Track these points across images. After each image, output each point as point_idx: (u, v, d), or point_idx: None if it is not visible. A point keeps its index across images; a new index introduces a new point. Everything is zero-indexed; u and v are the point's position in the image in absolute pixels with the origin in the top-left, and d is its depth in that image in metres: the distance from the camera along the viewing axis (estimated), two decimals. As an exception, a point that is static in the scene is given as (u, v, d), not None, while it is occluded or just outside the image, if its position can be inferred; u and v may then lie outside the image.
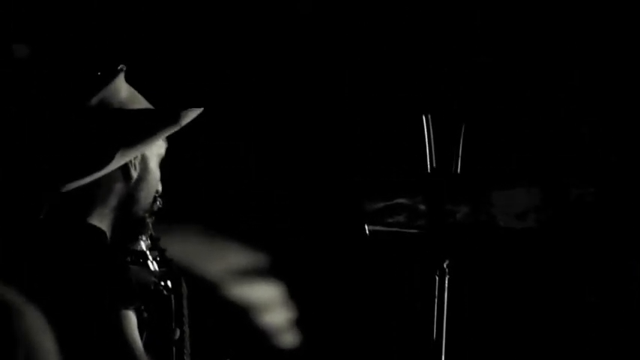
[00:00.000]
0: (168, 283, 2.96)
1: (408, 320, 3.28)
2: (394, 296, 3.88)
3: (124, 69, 2.62)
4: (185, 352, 2.88)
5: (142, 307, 2.62)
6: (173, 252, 2.87)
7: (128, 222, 2.66)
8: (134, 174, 2.65)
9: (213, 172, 3.44)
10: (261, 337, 3.43)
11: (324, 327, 3.83)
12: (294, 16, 3.82)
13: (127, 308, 2.44)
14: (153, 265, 2.90)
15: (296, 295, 3.46)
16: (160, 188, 2.70)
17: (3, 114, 2.82)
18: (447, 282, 2.69)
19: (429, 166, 2.69)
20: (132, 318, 2.45)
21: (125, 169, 2.65)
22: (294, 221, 3.85)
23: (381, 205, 2.81)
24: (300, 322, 3.50)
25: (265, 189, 3.88)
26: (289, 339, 3.50)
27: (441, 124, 2.68)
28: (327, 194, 3.88)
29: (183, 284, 2.96)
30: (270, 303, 3.48)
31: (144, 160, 2.69)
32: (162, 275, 2.93)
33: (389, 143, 3.77)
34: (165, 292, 2.95)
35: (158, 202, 2.70)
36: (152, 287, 2.85)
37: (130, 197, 2.67)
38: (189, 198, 2.88)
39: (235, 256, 3.50)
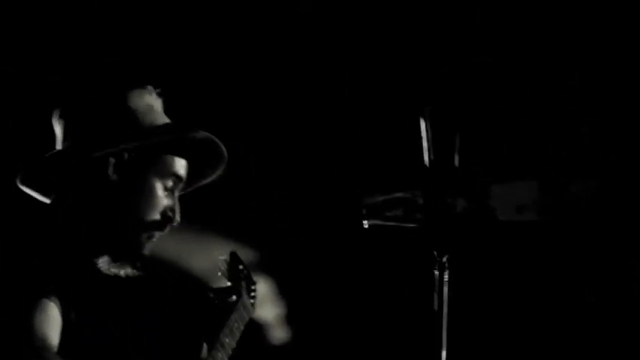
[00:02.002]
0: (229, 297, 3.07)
1: (407, 315, 3.26)
2: (393, 291, 3.87)
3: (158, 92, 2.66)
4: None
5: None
6: (169, 250, 2.87)
7: (112, 230, 2.64)
8: (112, 175, 2.61)
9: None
10: (256, 332, 3.43)
11: (322, 323, 3.82)
12: (295, 16, 3.81)
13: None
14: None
15: (293, 290, 3.45)
16: (171, 215, 2.67)
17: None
18: (446, 276, 2.67)
19: (427, 159, 2.68)
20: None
21: (103, 166, 2.62)
22: (291, 217, 3.84)
23: (379, 199, 2.78)
24: (297, 318, 3.49)
25: (263, 185, 3.88)
26: (283, 335, 3.50)
27: (440, 117, 2.67)
28: (324, 189, 3.88)
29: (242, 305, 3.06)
30: (264, 299, 3.48)
31: (135, 169, 2.65)
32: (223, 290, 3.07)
33: (387, 137, 3.76)
34: (215, 302, 3.07)
35: (160, 228, 2.67)
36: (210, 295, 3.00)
37: (110, 203, 2.63)
38: (187, 196, 2.85)
39: (222, 252, 3.50)
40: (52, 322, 2.46)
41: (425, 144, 2.65)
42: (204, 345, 3.01)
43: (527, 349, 3.88)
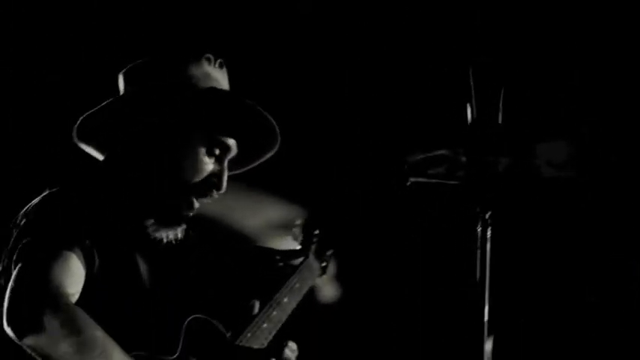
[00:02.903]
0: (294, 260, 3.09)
1: (450, 273, 3.27)
2: (436, 249, 3.88)
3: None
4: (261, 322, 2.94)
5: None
6: (212, 207, 2.89)
7: (158, 191, 2.68)
8: (162, 135, 2.65)
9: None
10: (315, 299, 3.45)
11: (364, 281, 3.84)
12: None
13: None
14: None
15: (336, 249, 3.46)
16: (215, 181, 2.70)
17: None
18: (489, 234, 2.68)
19: (470, 116, 2.68)
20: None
21: (153, 124, 2.66)
22: (336, 175, 3.86)
23: (422, 156, 2.79)
24: (341, 276, 3.51)
25: (305, 143, 3.89)
26: (329, 292, 3.52)
27: (484, 74, 2.67)
28: (368, 147, 3.88)
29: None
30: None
31: (184, 131, 2.68)
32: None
33: (430, 94, 3.75)
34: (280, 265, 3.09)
35: (203, 193, 2.70)
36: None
37: (157, 161, 2.67)
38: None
39: (274, 211, 3.51)
40: (71, 274, 2.50)
41: (469, 101, 2.65)
42: (256, 303, 3.01)
43: (570, 299, 3.88)
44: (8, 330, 2.42)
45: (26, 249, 2.53)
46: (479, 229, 2.70)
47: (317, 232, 3.34)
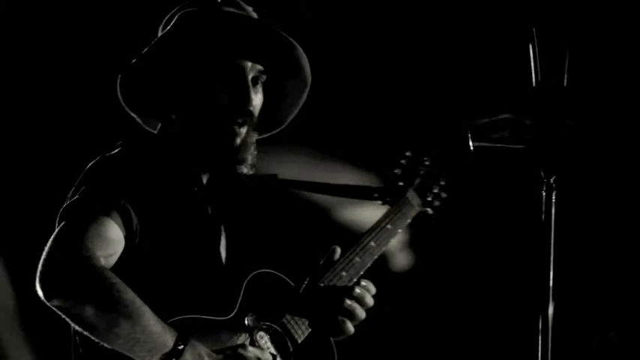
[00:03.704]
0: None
1: (514, 236, 3.26)
2: (500, 213, 3.86)
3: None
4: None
5: None
6: (282, 172, 2.89)
7: (203, 126, 2.67)
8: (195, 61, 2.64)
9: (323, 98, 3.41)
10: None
11: (433, 245, 3.82)
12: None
13: None
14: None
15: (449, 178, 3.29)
16: (243, 102, 2.68)
17: None
18: (554, 198, 2.66)
19: (534, 79, 2.66)
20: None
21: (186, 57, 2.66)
22: (400, 140, 3.84)
23: (486, 120, 2.77)
24: (412, 242, 3.47)
25: (371, 109, 3.88)
26: (402, 260, 3.50)
27: (548, 36, 2.64)
28: (431, 110, 3.87)
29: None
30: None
31: (212, 52, 2.68)
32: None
33: (494, 57, 3.72)
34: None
35: (236, 113, 2.68)
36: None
37: (194, 91, 2.68)
38: (298, 120, 2.87)
39: (344, 178, 3.50)
40: (105, 237, 2.48)
41: (532, 63, 2.62)
42: (337, 249, 2.86)
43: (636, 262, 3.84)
44: (38, 290, 2.41)
45: (65, 212, 2.54)
46: (543, 194, 2.68)
47: (427, 161, 3.14)
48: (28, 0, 3.84)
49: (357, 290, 2.75)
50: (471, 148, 2.83)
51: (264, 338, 2.68)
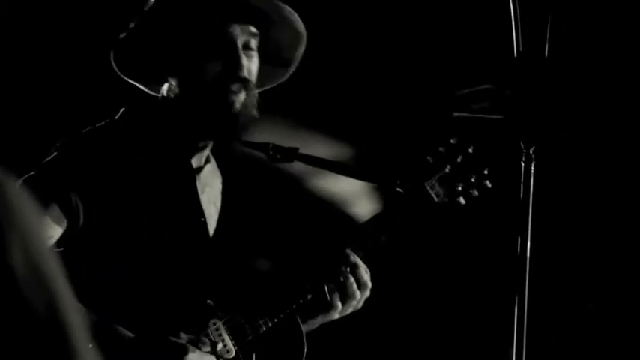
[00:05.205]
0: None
1: (492, 206, 3.24)
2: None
3: None
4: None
5: None
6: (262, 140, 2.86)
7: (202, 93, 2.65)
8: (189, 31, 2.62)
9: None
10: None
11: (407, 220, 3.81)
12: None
13: None
14: None
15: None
16: (235, 70, 2.64)
17: None
18: (532, 168, 2.66)
19: (515, 50, 2.65)
20: None
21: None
22: (377, 109, 3.83)
23: (466, 90, 2.76)
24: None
25: (348, 81, 3.86)
26: (364, 207, 3.48)
27: (529, 7, 2.63)
28: (411, 82, 3.85)
29: None
30: (356, 195, 3.45)
31: (207, 21, 2.63)
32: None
33: (474, 27, 3.70)
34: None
35: (230, 78, 2.65)
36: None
37: (190, 61, 2.64)
38: (279, 90, 2.85)
39: (321, 148, 3.49)
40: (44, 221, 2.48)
41: (514, 34, 2.62)
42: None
43: (613, 237, 3.84)
44: None
45: None
46: (522, 164, 2.68)
47: (470, 149, 2.86)
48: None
49: (352, 257, 2.72)
50: (452, 118, 2.82)
51: (219, 328, 2.61)
